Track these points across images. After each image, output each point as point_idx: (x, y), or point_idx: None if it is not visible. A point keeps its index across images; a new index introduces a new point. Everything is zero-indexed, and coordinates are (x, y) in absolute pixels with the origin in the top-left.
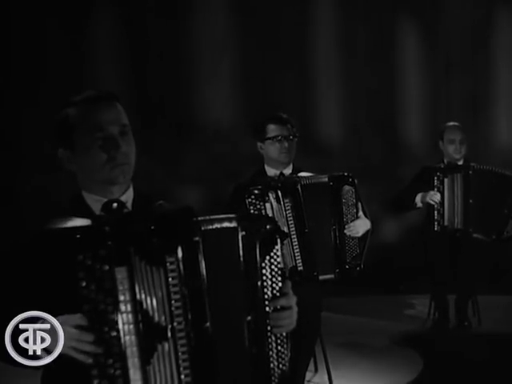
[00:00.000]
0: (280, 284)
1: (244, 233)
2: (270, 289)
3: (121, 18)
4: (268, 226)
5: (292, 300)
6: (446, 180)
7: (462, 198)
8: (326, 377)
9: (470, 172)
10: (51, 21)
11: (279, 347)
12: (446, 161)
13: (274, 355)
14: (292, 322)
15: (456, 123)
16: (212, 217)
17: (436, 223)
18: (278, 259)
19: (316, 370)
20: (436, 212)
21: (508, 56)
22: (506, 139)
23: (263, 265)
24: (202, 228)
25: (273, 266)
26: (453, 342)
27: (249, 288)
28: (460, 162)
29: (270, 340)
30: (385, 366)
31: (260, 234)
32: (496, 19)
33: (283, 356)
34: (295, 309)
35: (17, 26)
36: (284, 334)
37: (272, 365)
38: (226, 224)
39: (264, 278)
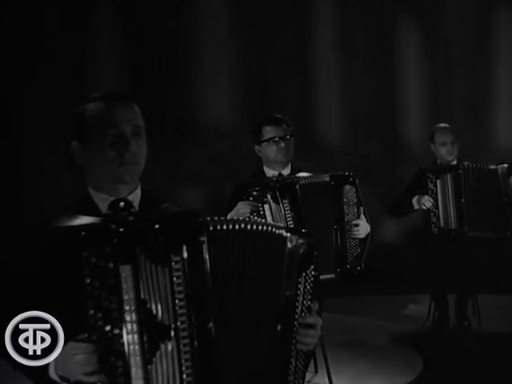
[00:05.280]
0: (309, 302)
1: (290, 245)
2: (300, 305)
3: (122, 17)
4: (309, 244)
5: (319, 321)
6: (438, 181)
7: (453, 198)
8: (326, 377)
9: (460, 171)
10: (51, 20)
11: (297, 362)
12: (439, 162)
13: (293, 369)
14: (314, 342)
15: (446, 125)
16: (256, 220)
17: (433, 225)
18: (312, 278)
19: (316, 371)
20: (432, 214)
21: (508, 57)
22: (505, 140)
23: (300, 279)
24: (246, 228)
25: (306, 284)
26: (453, 341)
27: (283, 299)
28: (453, 163)
29: (292, 353)
30: (385, 366)
31: (303, 249)
32: (496, 20)
33: (299, 372)
34: (319, 331)
35: (17, 25)
36: (303, 351)
37: (289, 378)
38: (274, 230)
39: (298, 292)
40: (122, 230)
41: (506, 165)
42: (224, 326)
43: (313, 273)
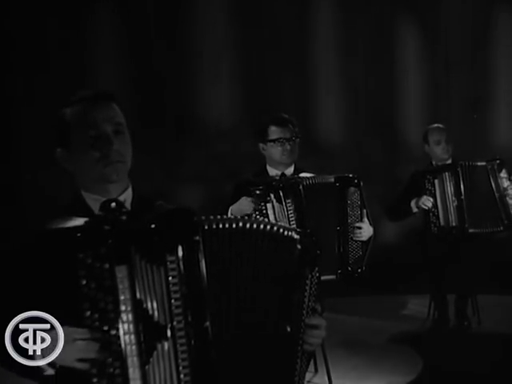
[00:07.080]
0: (313, 303)
1: (300, 247)
2: (306, 306)
3: (122, 17)
4: (316, 246)
5: (322, 321)
6: (436, 181)
7: (453, 196)
8: (326, 377)
9: (458, 169)
10: (51, 19)
11: (302, 363)
12: (434, 163)
13: (298, 368)
14: (319, 342)
15: (439, 124)
16: (260, 220)
17: (433, 225)
18: (317, 280)
19: (316, 371)
20: (431, 214)
21: (508, 55)
22: (505, 139)
23: (307, 281)
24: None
25: (312, 285)
26: (453, 341)
27: (292, 300)
28: (449, 162)
29: (298, 354)
30: (385, 366)
31: (312, 252)
32: (496, 18)
33: (302, 372)
34: (324, 332)
35: (17, 24)
36: (307, 351)
37: (295, 378)
38: (282, 231)
39: (305, 293)
40: (116, 230)
41: (497, 161)
42: (224, 326)
43: (317, 274)
